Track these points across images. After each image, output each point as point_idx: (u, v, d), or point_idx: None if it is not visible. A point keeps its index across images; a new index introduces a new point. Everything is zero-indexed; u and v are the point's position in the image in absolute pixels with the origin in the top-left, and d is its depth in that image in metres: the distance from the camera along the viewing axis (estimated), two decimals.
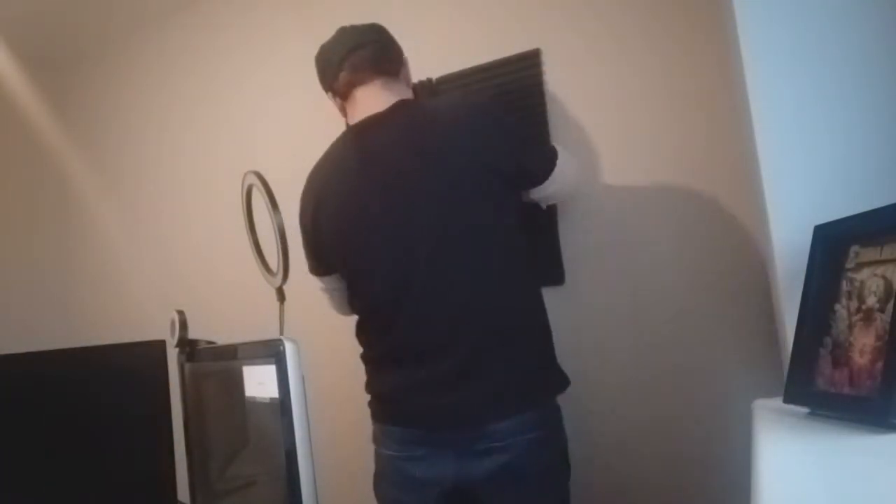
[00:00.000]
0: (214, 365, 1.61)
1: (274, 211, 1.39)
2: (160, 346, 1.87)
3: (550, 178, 1.42)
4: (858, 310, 0.82)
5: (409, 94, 1.48)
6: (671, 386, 1.64)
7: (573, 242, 1.77)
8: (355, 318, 1.49)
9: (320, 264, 1.48)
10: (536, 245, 1.80)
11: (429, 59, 1.99)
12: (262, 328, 1.80)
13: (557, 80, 1.80)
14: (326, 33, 2.22)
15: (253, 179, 1.47)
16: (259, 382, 1.34)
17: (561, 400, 1.79)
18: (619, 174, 1.71)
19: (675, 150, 1.65)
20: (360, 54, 1.44)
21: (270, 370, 1.26)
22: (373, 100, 1.40)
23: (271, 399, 1.28)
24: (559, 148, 1.48)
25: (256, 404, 1.36)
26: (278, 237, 1.40)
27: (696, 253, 1.62)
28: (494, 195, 1.32)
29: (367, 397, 1.51)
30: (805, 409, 0.89)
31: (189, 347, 1.59)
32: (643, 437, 1.67)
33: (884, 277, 0.79)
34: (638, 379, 1.68)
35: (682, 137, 1.64)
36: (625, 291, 1.70)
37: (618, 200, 1.71)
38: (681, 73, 1.64)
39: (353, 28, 1.54)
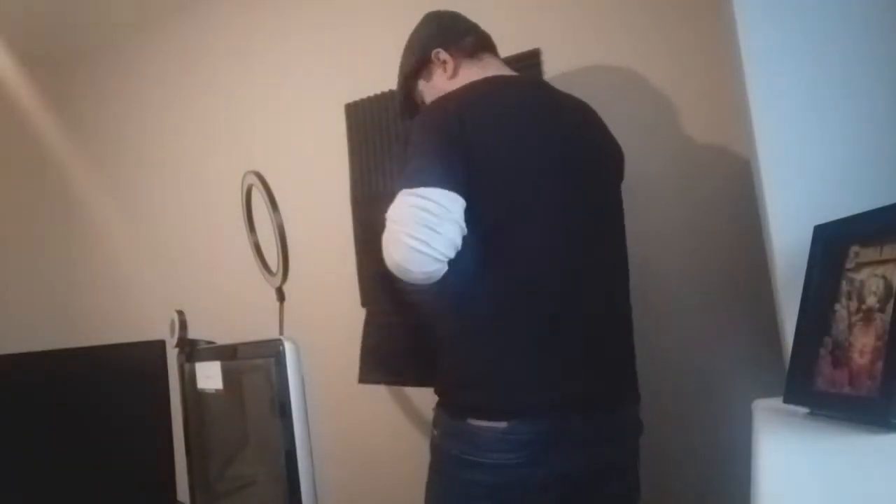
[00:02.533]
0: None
1: (274, 211, 1.39)
2: (160, 346, 1.87)
3: None
4: (858, 310, 0.82)
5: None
6: (671, 386, 1.64)
7: None
8: (353, 317, 1.46)
9: (448, 175, 1.15)
10: None
11: None
12: (261, 328, 1.80)
13: (557, 80, 1.80)
14: (327, 34, 2.23)
15: (253, 180, 1.47)
16: (207, 376, 1.41)
17: None
18: None
19: (675, 149, 1.65)
20: (484, 33, 1.48)
21: (216, 365, 1.33)
22: (503, 68, 1.44)
23: (216, 391, 1.39)
24: None
25: (206, 395, 1.43)
26: (278, 237, 1.40)
27: (696, 252, 1.62)
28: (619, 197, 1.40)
29: (459, 388, 1.24)
30: (805, 409, 0.89)
31: (189, 347, 1.59)
32: (643, 437, 1.67)
33: (884, 277, 0.79)
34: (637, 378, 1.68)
35: (681, 137, 1.64)
36: None
37: None
38: (680, 73, 1.64)
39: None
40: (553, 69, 1.80)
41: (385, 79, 2.07)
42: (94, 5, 2.54)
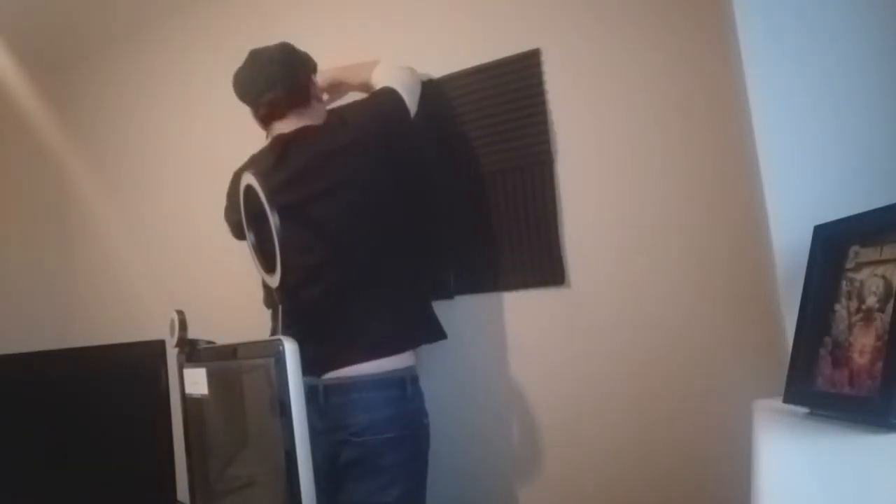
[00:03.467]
0: (213, 365, 1.61)
1: (271, 211, 1.39)
2: (160, 346, 1.87)
3: (412, 107, 1.78)
4: (858, 310, 0.82)
5: (319, 110, 1.81)
6: (671, 386, 1.64)
7: (574, 242, 1.77)
8: None
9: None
10: (537, 245, 1.81)
11: (429, 59, 1.99)
12: (261, 328, 1.80)
13: (557, 80, 1.80)
14: (330, 33, 2.23)
15: (250, 179, 1.46)
16: (194, 382, 1.52)
17: (560, 397, 1.79)
18: (619, 174, 1.71)
19: (676, 149, 1.64)
20: (275, 95, 1.73)
21: (201, 372, 1.47)
22: (287, 127, 1.74)
23: (202, 395, 1.49)
24: (392, 84, 1.78)
25: (195, 400, 1.53)
26: (276, 237, 1.39)
27: (697, 252, 1.62)
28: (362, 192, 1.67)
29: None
30: (805, 409, 0.89)
31: (188, 347, 1.59)
32: (643, 437, 1.67)
33: (884, 277, 0.79)
34: (637, 378, 1.68)
35: (682, 137, 1.64)
36: (625, 291, 1.70)
37: (618, 200, 1.71)
38: (681, 74, 1.64)
39: (263, 61, 1.78)
40: (553, 69, 1.80)
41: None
42: (95, 5, 2.54)
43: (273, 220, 1.38)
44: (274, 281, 1.46)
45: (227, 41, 2.48)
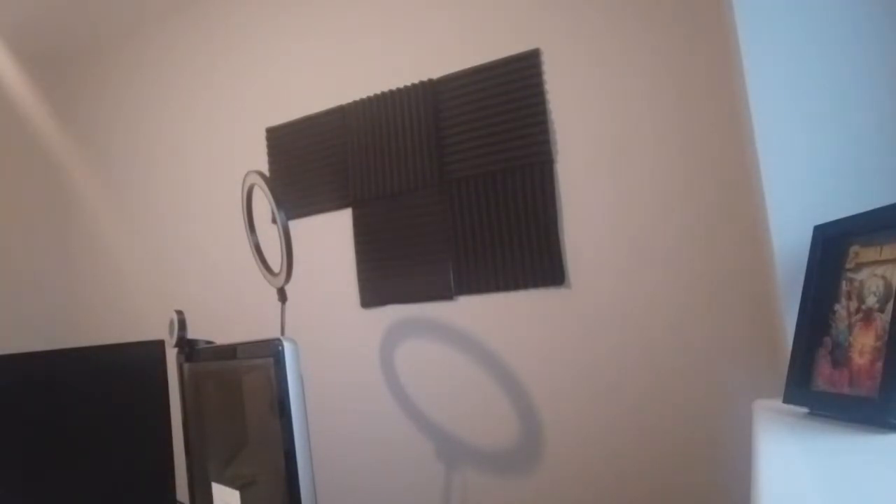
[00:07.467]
0: (213, 365, 1.61)
1: (278, 210, 1.39)
2: (159, 346, 1.87)
3: None
4: (858, 310, 0.82)
5: None
6: (671, 385, 1.64)
7: (574, 242, 1.77)
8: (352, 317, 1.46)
9: None
10: (537, 245, 1.81)
11: (429, 59, 1.99)
12: (261, 328, 1.80)
13: (557, 80, 1.80)
14: (329, 35, 2.23)
15: (255, 179, 1.46)
16: (224, 502, 1.42)
17: (560, 395, 1.80)
18: (619, 174, 1.71)
19: (675, 150, 1.65)
20: None
21: (235, 494, 1.38)
22: None
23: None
24: None
25: (206, 395, 1.46)
26: (283, 236, 1.39)
27: (697, 252, 1.62)
28: None
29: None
30: (805, 409, 0.89)
31: (188, 347, 1.59)
32: (642, 436, 1.67)
33: (883, 277, 0.79)
34: (638, 378, 1.68)
35: (681, 137, 1.64)
36: (625, 291, 1.70)
37: (618, 200, 1.71)
38: (681, 74, 1.64)
39: None
40: (553, 69, 1.80)
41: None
42: (94, 5, 2.54)
43: (281, 219, 1.38)
44: (278, 281, 1.46)
45: (227, 40, 2.48)
